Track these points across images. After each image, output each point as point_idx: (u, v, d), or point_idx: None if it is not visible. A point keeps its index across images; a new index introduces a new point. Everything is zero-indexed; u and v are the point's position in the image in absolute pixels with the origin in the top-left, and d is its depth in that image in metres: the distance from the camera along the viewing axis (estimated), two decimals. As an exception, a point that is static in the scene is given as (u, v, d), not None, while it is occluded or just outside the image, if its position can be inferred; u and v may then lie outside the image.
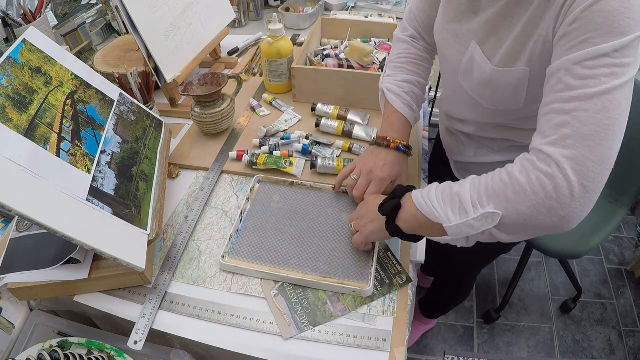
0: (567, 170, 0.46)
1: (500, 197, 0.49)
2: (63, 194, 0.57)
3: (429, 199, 0.56)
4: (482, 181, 0.52)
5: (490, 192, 0.50)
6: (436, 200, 0.55)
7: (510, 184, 0.49)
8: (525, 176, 0.48)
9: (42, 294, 0.65)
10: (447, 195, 0.54)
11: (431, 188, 0.57)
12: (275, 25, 1.01)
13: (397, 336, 0.61)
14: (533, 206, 0.47)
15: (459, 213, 0.52)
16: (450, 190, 0.54)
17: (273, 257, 0.69)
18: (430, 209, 0.55)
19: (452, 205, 0.53)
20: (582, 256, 1.29)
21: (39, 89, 0.63)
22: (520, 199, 0.48)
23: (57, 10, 1.36)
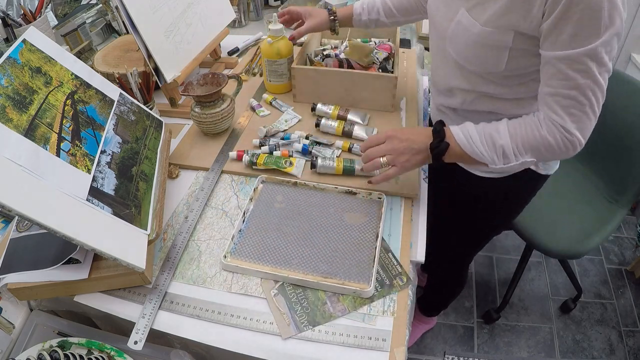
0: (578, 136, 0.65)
1: (535, 150, 0.67)
2: (63, 194, 0.57)
3: (475, 145, 0.68)
4: (519, 133, 0.67)
5: (527, 146, 0.67)
6: (482, 147, 0.68)
7: (542, 142, 0.66)
8: (552, 138, 0.65)
9: (42, 294, 0.65)
10: (490, 143, 0.68)
11: (472, 131, 0.69)
12: (275, 25, 1.01)
13: (397, 336, 0.61)
14: (556, 155, 0.68)
15: (503, 158, 0.68)
16: (492, 139, 0.68)
17: (275, 257, 0.69)
18: (477, 154, 0.69)
19: (497, 153, 0.68)
20: (582, 256, 1.29)
21: (39, 89, 0.63)
22: (549, 153, 0.67)
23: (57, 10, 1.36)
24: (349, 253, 0.70)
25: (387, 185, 0.82)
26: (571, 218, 1.33)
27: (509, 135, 0.67)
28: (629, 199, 1.31)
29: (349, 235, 0.73)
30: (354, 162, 0.84)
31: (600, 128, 1.31)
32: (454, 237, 1.09)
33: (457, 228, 1.05)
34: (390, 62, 1.12)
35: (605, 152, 1.36)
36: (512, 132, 0.67)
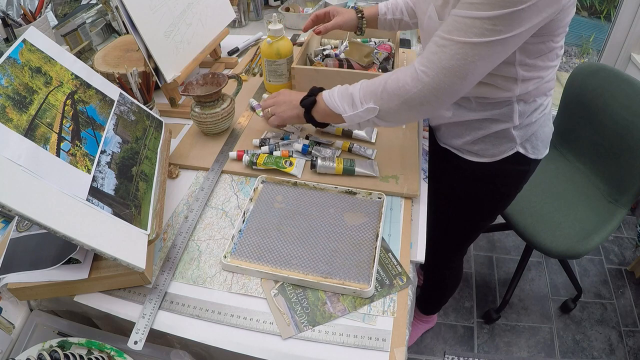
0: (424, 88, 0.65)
1: (377, 96, 0.71)
2: (63, 194, 0.57)
3: (333, 97, 0.77)
4: (369, 84, 0.72)
5: (369, 92, 0.71)
6: (337, 98, 0.76)
7: (382, 85, 0.70)
8: (394, 78, 0.68)
9: (42, 294, 0.65)
10: (344, 94, 0.75)
11: (334, 89, 0.78)
12: (275, 25, 1.01)
13: (397, 336, 0.61)
14: (398, 106, 0.69)
15: (352, 107, 0.74)
16: (347, 90, 0.75)
17: (275, 258, 0.69)
18: (334, 104, 0.77)
19: (348, 101, 0.75)
20: (582, 256, 1.29)
21: (39, 89, 0.63)
22: (388, 100, 0.70)
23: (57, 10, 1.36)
24: (349, 253, 0.70)
25: (387, 185, 0.82)
26: (571, 218, 1.33)
27: (360, 85, 0.73)
28: (629, 199, 1.31)
29: (348, 235, 0.73)
30: (354, 162, 0.84)
31: (600, 128, 1.33)
32: (449, 228, 1.10)
33: (451, 218, 1.06)
34: (390, 62, 1.12)
35: (605, 152, 1.36)
36: (364, 84, 0.73)
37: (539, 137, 0.87)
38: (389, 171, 0.85)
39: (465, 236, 1.14)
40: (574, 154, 1.46)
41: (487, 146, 0.86)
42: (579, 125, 1.40)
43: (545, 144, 0.90)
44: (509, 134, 0.83)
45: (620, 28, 1.85)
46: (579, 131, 1.41)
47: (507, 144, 0.85)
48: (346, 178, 0.84)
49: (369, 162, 0.86)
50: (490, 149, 0.86)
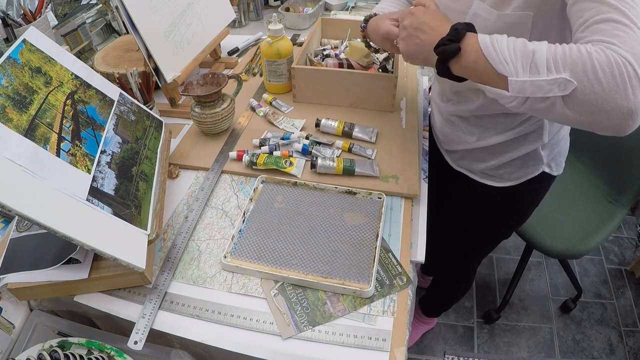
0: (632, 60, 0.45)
1: (579, 68, 0.47)
2: (63, 194, 0.57)
3: (499, 47, 0.52)
4: (559, 48, 0.49)
5: (568, 60, 0.48)
6: (507, 51, 0.52)
7: (590, 60, 0.46)
8: (604, 55, 0.46)
9: (42, 294, 0.65)
10: (519, 48, 0.51)
11: (501, 36, 0.54)
12: (275, 25, 1.01)
13: (397, 336, 0.61)
14: (610, 89, 0.46)
15: (530, 70, 0.50)
16: (524, 45, 0.51)
17: (275, 258, 0.69)
18: (498, 59, 0.52)
19: (524, 60, 0.50)
20: (582, 256, 1.29)
21: (39, 89, 0.63)
22: (599, 78, 0.46)
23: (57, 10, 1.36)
24: (349, 253, 0.70)
25: (387, 185, 0.82)
26: (571, 218, 1.33)
27: (547, 45, 0.51)
28: (629, 199, 1.31)
29: (348, 235, 0.73)
30: (354, 162, 0.84)
31: (600, 128, 1.33)
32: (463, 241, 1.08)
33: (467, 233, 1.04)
34: (390, 62, 1.12)
35: (605, 152, 1.36)
36: (552, 46, 0.50)
37: (562, 152, 0.83)
38: (389, 171, 0.85)
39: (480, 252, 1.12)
40: (575, 154, 1.46)
41: (513, 169, 0.82)
42: (579, 125, 1.40)
43: (564, 159, 0.86)
44: (537, 155, 0.79)
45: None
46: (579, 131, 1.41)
47: (534, 166, 0.81)
48: (346, 178, 0.84)
49: (369, 162, 0.86)
50: (515, 172, 0.82)
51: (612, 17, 0.47)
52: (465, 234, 1.04)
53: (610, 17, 0.47)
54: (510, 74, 0.51)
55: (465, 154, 0.88)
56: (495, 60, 0.53)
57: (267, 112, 1.01)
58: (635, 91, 0.45)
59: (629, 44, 0.45)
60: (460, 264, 1.19)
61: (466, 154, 0.87)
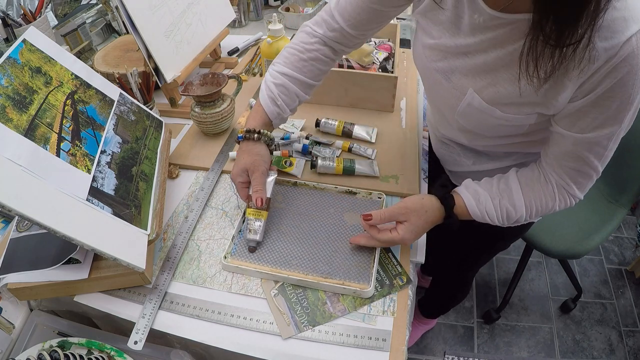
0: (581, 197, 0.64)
1: (544, 214, 0.67)
2: (63, 194, 0.57)
3: (488, 214, 0.66)
4: (534, 206, 0.65)
5: (539, 214, 0.66)
6: (496, 218, 0.66)
7: (553, 209, 0.65)
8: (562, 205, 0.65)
9: (42, 294, 0.65)
10: (505, 215, 0.66)
11: (487, 201, 0.66)
12: (275, 25, 1.01)
13: (397, 336, 0.61)
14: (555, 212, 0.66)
15: (507, 219, 0.66)
16: (507, 214, 0.66)
17: (275, 258, 0.69)
18: (486, 220, 0.67)
19: (509, 219, 0.66)
20: (582, 256, 1.29)
21: (39, 89, 0.63)
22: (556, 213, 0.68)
23: (57, 10, 1.36)
24: (349, 253, 0.70)
25: (387, 185, 0.82)
26: (571, 218, 1.33)
27: (525, 208, 0.65)
28: (629, 199, 1.31)
29: (349, 235, 0.72)
30: (354, 162, 0.84)
31: (600, 128, 1.32)
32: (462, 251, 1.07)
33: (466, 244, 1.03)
34: (390, 62, 1.12)
35: (605, 152, 1.35)
36: (527, 205, 0.65)
37: None
38: (389, 171, 0.85)
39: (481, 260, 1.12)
40: (574, 154, 1.46)
41: None
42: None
43: None
44: None
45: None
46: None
47: None
48: (346, 178, 0.84)
49: (369, 162, 0.86)
50: None
51: (585, 170, 0.60)
52: (464, 244, 1.03)
53: (582, 170, 0.60)
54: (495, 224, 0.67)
55: (463, 175, 0.84)
56: (482, 220, 0.67)
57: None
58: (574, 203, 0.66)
59: (585, 187, 0.63)
60: (458, 271, 1.19)
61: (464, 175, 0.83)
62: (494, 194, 0.66)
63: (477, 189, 0.67)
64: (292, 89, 0.75)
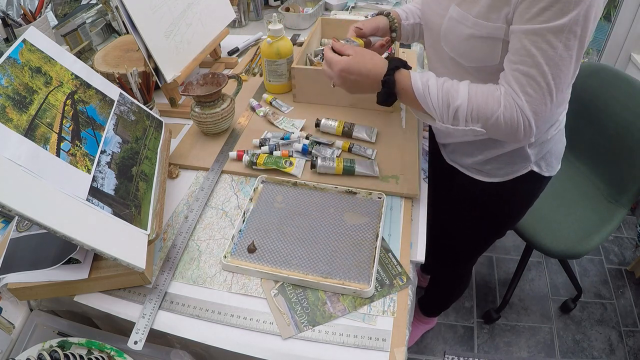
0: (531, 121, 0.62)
1: (488, 123, 0.64)
2: (63, 194, 0.57)
3: (429, 93, 0.66)
4: (478, 100, 0.64)
5: (482, 115, 0.64)
6: (436, 101, 0.66)
7: (497, 117, 0.63)
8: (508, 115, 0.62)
9: (42, 294, 0.65)
10: (445, 101, 0.65)
11: (430, 78, 0.67)
12: (275, 25, 1.01)
13: (397, 336, 0.61)
14: (505, 135, 0.65)
15: (452, 119, 0.66)
16: (448, 97, 0.65)
17: (275, 258, 0.69)
18: (427, 103, 0.67)
19: (449, 111, 0.65)
20: (582, 256, 1.29)
21: (39, 89, 0.63)
22: (498, 130, 0.64)
23: (57, 10, 1.36)
24: (349, 253, 0.70)
25: (387, 185, 0.82)
26: (571, 218, 1.33)
27: (468, 99, 0.64)
28: (629, 199, 1.31)
29: (348, 235, 0.73)
30: (354, 162, 0.84)
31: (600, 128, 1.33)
32: (457, 239, 1.08)
33: (460, 231, 1.05)
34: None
35: (605, 152, 1.36)
36: (471, 96, 0.64)
37: (554, 153, 0.83)
38: (389, 171, 0.85)
39: (475, 249, 1.12)
40: (574, 154, 1.46)
41: (500, 165, 0.83)
42: (578, 125, 1.40)
43: (558, 160, 0.86)
44: (524, 153, 0.80)
45: (620, 28, 1.85)
46: (579, 131, 1.41)
47: (521, 163, 0.82)
48: (346, 178, 0.84)
49: (369, 162, 0.86)
50: (502, 168, 0.83)
51: (532, 73, 0.60)
52: (459, 230, 1.04)
53: (529, 73, 0.60)
54: (437, 119, 0.67)
55: (455, 147, 0.89)
56: (426, 105, 0.67)
57: (267, 112, 1.01)
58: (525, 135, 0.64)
59: (533, 103, 0.61)
60: (456, 262, 1.20)
61: (456, 148, 0.89)
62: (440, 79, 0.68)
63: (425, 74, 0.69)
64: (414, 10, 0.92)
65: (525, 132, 0.63)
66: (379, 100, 0.71)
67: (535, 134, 0.65)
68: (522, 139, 0.65)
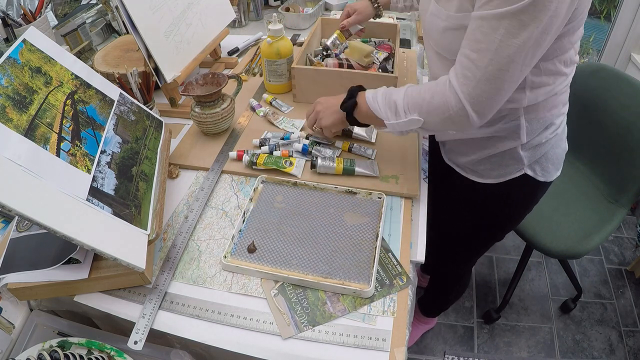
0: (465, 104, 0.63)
1: (422, 110, 0.68)
2: (63, 194, 0.57)
3: (377, 101, 0.74)
4: (410, 96, 0.70)
5: (416, 105, 0.69)
6: (381, 103, 0.73)
7: (428, 103, 0.67)
8: (439, 99, 0.66)
9: (42, 294, 0.65)
10: (387, 100, 0.73)
11: (378, 91, 0.75)
12: (275, 25, 1.01)
13: (397, 336, 0.61)
14: (441, 120, 0.68)
15: (395, 115, 0.72)
16: (390, 96, 0.72)
17: (275, 258, 0.69)
18: (376, 108, 0.74)
19: (391, 108, 0.72)
20: (582, 256, 1.29)
21: (39, 89, 0.63)
22: (431, 114, 0.68)
23: (57, 10, 1.36)
24: (349, 253, 0.70)
25: (387, 185, 0.82)
26: (571, 218, 1.33)
27: (404, 94, 0.70)
28: (629, 199, 1.31)
29: (348, 235, 0.73)
30: (354, 162, 0.84)
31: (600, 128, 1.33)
32: (456, 241, 1.08)
33: (458, 233, 1.05)
34: (390, 62, 1.12)
35: (605, 152, 1.36)
36: (408, 91, 0.70)
37: (550, 158, 0.82)
38: (389, 171, 0.85)
39: (473, 251, 1.12)
40: (574, 154, 1.46)
41: (493, 166, 0.83)
42: (578, 125, 1.40)
43: (556, 166, 0.85)
44: (516, 154, 0.79)
45: (620, 28, 1.85)
46: (578, 131, 1.41)
47: (514, 165, 0.81)
48: (346, 178, 0.84)
49: (369, 162, 0.86)
50: (495, 170, 0.83)
51: (473, 57, 0.60)
52: (457, 232, 1.04)
53: (471, 57, 0.61)
54: (385, 118, 0.73)
55: (451, 146, 0.90)
56: (375, 109, 0.74)
57: (267, 112, 1.01)
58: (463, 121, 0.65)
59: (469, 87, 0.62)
60: (455, 263, 1.19)
61: (452, 146, 0.90)
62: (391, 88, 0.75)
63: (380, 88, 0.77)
64: None
65: (459, 116, 0.64)
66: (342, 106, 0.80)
67: (478, 120, 0.64)
68: (460, 124, 0.66)
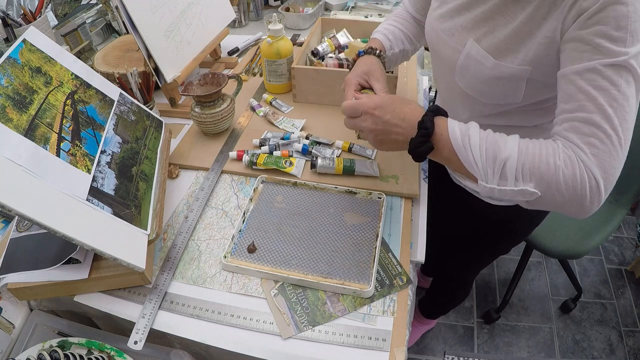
0: (599, 178, 0.49)
1: (544, 181, 0.50)
2: (63, 194, 0.57)
3: (472, 147, 0.53)
4: (529, 157, 0.51)
5: (536, 172, 0.50)
6: (479, 153, 0.53)
7: (554, 173, 0.50)
8: (570, 172, 0.49)
9: (42, 294, 0.65)
10: (491, 154, 0.52)
11: (471, 127, 0.54)
12: (275, 25, 1.01)
13: (397, 336, 0.61)
14: (569, 199, 0.50)
15: (499, 177, 0.52)
16: (494, 148, 0.52)
17: (275, 258, 0.69)
18: (469, 160, 0.53)
19: (495, 168, 0.52)
20: (582, 256, 1.29)
21: (39, 89, 0.63)
22: (558, 191, 0.50)
23: (57, 10, 1.36)
24: (349, 253, 0.70)
25: (387, 185, 0.82)
26: (571, 218, 1.33)
27: (518, 151, 0.51)
28: (629, 199, 1.31)
29: (348, 235, 0.73)
30: (354, 162, 0.84)
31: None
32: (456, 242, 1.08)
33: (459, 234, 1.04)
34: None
35: (605, 152, 1.35)
36: (522, 148, 0.51)
37: None
38: (389, 171, 0.85)
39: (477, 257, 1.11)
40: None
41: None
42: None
43: None
44: None
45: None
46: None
47: None
48: (346, 178, 0.84)
49: (369, 162, 0.86)
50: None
51: (595, 119, 0.48)
52: (458, 233, 1.04)
53: (592, 120, 0.49)
54: (480, 177, 0.53)
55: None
56: (466, 160, 0.54)
57: (267, 112, 1.01)
58: (593, 201, 0.50)
59: (601, 158, 0.49)
60: (460, 273, 1.19)
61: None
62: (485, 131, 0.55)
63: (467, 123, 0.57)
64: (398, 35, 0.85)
65: (592, 195, 0.49)
66: (411, 147, 0.57)
67: (603, 199, 0.50)
68: (588, 207, 0.50)
